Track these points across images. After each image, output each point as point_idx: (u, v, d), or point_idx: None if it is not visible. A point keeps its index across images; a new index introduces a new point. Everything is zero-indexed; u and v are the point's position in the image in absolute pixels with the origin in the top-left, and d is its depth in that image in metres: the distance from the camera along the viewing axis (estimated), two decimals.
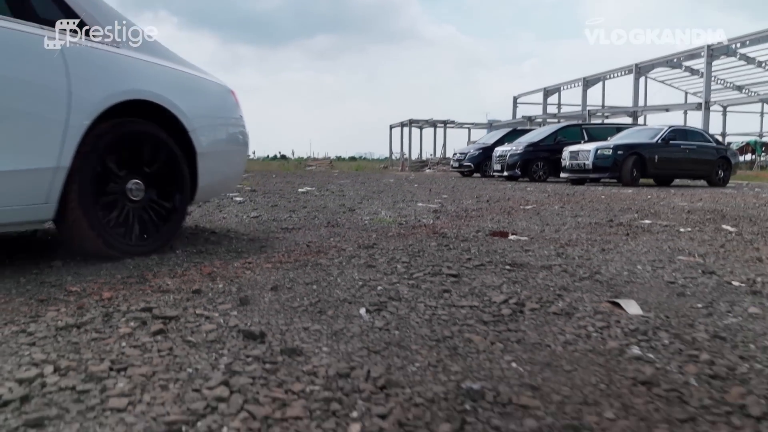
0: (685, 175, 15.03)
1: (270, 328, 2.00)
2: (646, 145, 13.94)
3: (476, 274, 3.00)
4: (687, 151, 14.47)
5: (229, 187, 5.34)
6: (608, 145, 13.91)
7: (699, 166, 14.78)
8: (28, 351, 1.76)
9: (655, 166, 13.75)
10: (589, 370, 1.69)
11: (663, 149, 13.97)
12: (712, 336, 2.03)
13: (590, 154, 13.76)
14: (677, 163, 14.32)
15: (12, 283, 2.65)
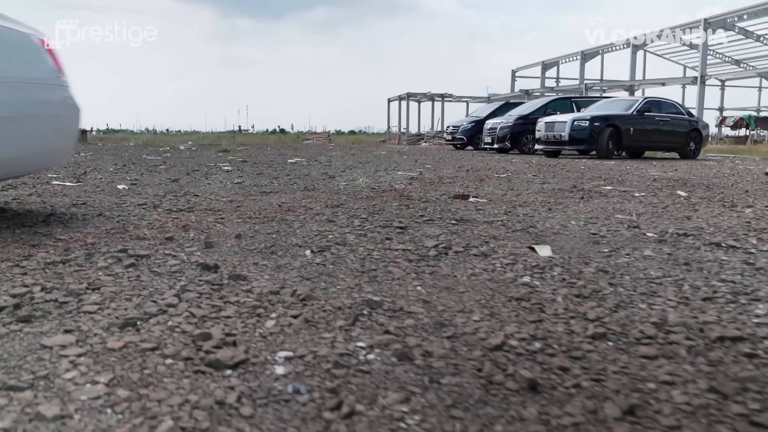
0: (658, 147, 14.76)
1: (225, 263, 2.39)
2: (622, 116, 13.53)
3: (422, 227, 3.37)
4: (661, 123, 14.14)
5: (46, 162, 3.87)
6: (585, 117, 13.39)
7: (672, 138, 14.45)
8: (21, 278, 2.14)
9: (630, 138, 13.43)
10: (478, 292, 2.07)
11: (638, 121, 13.62)
12: (598, 270, 2.41)
13: (566, 125, 13.28)
14: (651, 135, 13.97)
15: (8, 233, 3.03)
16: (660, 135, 14.12)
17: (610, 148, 13.13)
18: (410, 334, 1.61)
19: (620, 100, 15.96)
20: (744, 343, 1.60)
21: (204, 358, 1.40)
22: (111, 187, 5.35)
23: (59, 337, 1.53)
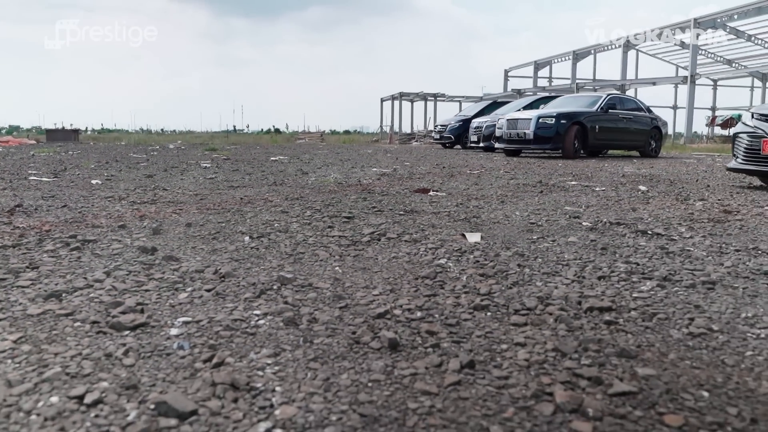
0: (622, 146, 14.12)
1: (164, 247, 2.55)
2: (588, 113, 12.69)
3: (369, 217, 3.54)
4: (625, 120, 13.57)
5: None
6: (551, 114, 12.47)
7: (634, 137, 13.92)
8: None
9: (595, 136, 12.65)
10: (391, 272, 2.23)
11: (603, 118, 12.92)
12: (515, 254, 2.58)
13: (531, 123, 12.30)
14: (616, 133, 13.33)
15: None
16: (623, 133, 13.60)
17: (576, 146, 12.42)
18: (306, 305, 1.78)
19: (582, 96, 15.21)
20: (610, 312, 1.77)
21: (109, 321, 1.56)
22: (85, 182, 5.51)
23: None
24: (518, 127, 12.70)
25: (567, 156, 12.18)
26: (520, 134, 12.55)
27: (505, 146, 13.23)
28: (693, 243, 2.94)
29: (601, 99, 13.39)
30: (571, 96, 15.73)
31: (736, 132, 6.51)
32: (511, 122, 13.02)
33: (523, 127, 12.49)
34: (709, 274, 2.25)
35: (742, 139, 6.26)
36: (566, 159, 11.83)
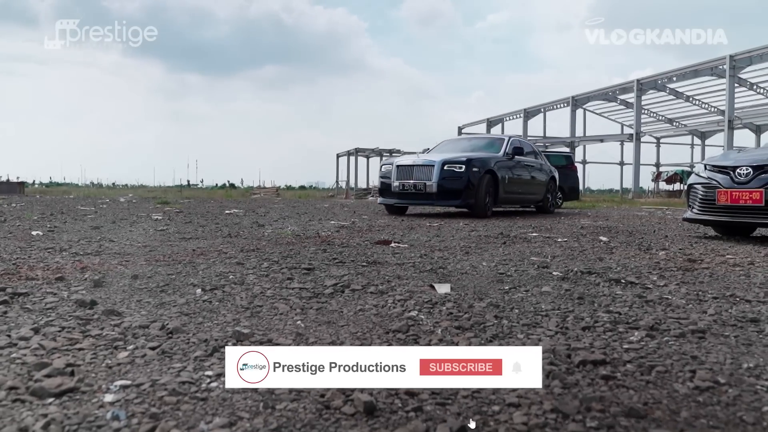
0: (525, 200, 11.62)
1: (105, 301, 2.30)
2: (497, 160, 10.07)
3: (330, 268, 3.33)
4: (530, 169, 11.31)
5: None
6: (459, 159, 9.57)
7: (536, 189, 11.68)
8: None
9: (506, 188, 10.11)
10: (358, 326, 2.03)
11: (512, 166, 10.53)
12: (489, 305, 2.41)
13: (434, 171, 9.40)
14: (522, 185, 10.96)
15: None
16: (529, 185, 11.28)
17: (487, 202, 9.65)
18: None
19: (477, 137, 12.42)
20: (605, 366, 1.61)
21: (30, 387, 1.31)
22: (25, 234, 5.16)
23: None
24: (415, 176, 9.61)
25: (479, 214, 9.45)
26: (419, 186, 9.47)
27: (395, 201, 10.02)
28: (669, 291, 2.83)
29: (504, 142, 10.83)
30: (463, 138, 12.51)
31: (690, 183, 6.58)
32: (404, 170, 9.82)
33: (423, 177, 9.51)
34: (695, 323, 2.13)
35: (697, 190, 6.32)
36: (478, 218, 9.24)
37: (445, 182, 9.35)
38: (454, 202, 9.48)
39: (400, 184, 9.73)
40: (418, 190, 9.53)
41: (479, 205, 9.40)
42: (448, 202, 9.57)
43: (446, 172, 9.36)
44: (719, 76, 29.60)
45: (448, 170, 9.36)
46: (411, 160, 9.96)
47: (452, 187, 9.33)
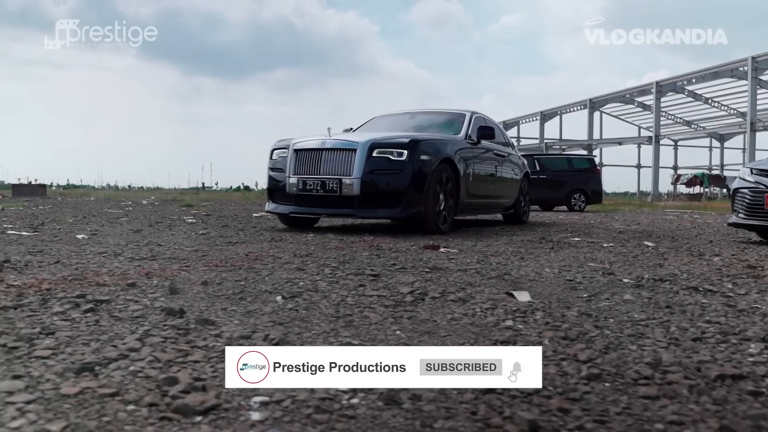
0: (492, 206, 8.27)
1: (191, 308, 2.25)
2: (457, 146, 6.71)
3: (396, 275, 3.27)
4: (501, 161, 8.10)
5: None
6: (399, 140, 6.05)
7: (508, 189, 8.48)
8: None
9: (470, 189, 6.86)
10: (461, 336, 1.97)
11: (478, 156, 7.26)
12: (581, 314, 2.34)
13: (355, 159, 5.84)
14: (491, 184, 7.76)
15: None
16: (499, 183, 8.05)
17: (443, 210, 6.25)
18: None
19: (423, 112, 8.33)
20: (745, 381, 1.53)
21: (171, 404, 1.26)
22: (70, 237, 5.14)
23: (5, 383, 1.38)
24: (323, 169, 6.00)
25: (431, 228, 6.04)
26: (331, 185, 5.89)
27: (292, 210, 6.28)
28: (754, 299, 2.75)
29: (465, 119, 7.39)
30: (404, 112, 8.38)
31: (736, 188, 6.47)
32: (307, 157, 6.14)
33: (336, 169, 5.93)
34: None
35: (744, 194, 6.21)
36: (429, 233, 5.96)
37: (375, 178, 5.75)
38: (389, 212, 5.87)
39: (300, 181, 6.02)
40: (329, 192, 5.84)
41: (430, 216, 5.96)
42: (378, 212, 5.95)
43: (376, 162, 5.74)
44: (740, 77, 29.34)
45: (380, 158, 5.75)
46: (318, 142, 6.06)
47: (386, 186, 5.76)
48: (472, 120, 7.45)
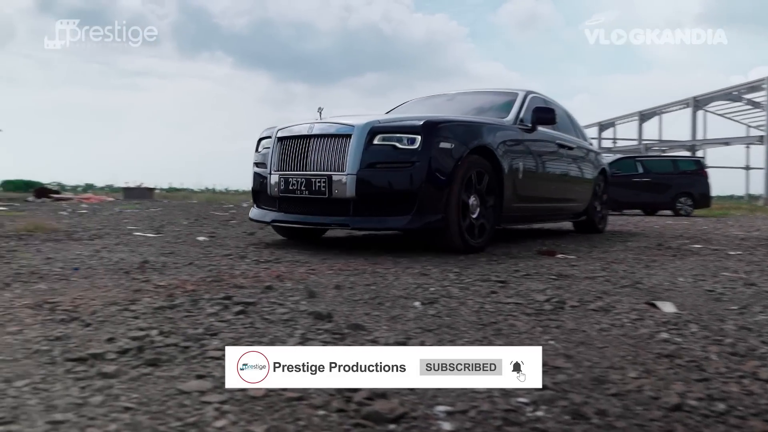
0: (553, 212, 6.61)
1: (336, 312, 2.29)
2: (499, 131, 5.14)
3: (522, 281, 3.22)
4: (565, 154, 6.48)
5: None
6: (408, 123, 4.41)
7: (576, 191, 6.82)
8: (134, 322, 2.09)
9: (519, 189, 5.28)
10: (618, 348, 1.90)
11: (533, 146, 5.70)
12: (740, 328, 2.21)
13: (350, 148, 4.26)
14: (552, 184, 6.15)
15: (107, 280, 3.02)
16: (563, 183, 6.44)
17: (477, 219, 4.65)
18: (571, 390, 1.46)
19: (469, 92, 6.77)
20: None
21: (359, 410, 1.28)
22: (191, 239, 5.38)
23: (194, 383, 1.44)
24: (309, 162, 4.53)
25: (454, 245, 4.47)
26: (318, 184, 4.40)
27: (274, 218, 4.84)
28: None
29: (517, 99, 5.83)
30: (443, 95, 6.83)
31: None
32: (291, 147, 4.70)
33: (326, 162, 4.44)
34: None
35: None
36: (452, 253, 4.46)
37: (376, 175, 4.26)
38: (395, 221, 4.29)
39: (281, 179, 4.64)
40: (315, 193, 4.39)
41: (455, 228, 4.35)
42: (381, 221, 4.36)
43: (378, 152, 4.27)
44: None
45: (384, 147, 4.28)
46: (305, 127, 4.62)
47: (391, 185, 4.26)
48: (526, 101, 5.85)
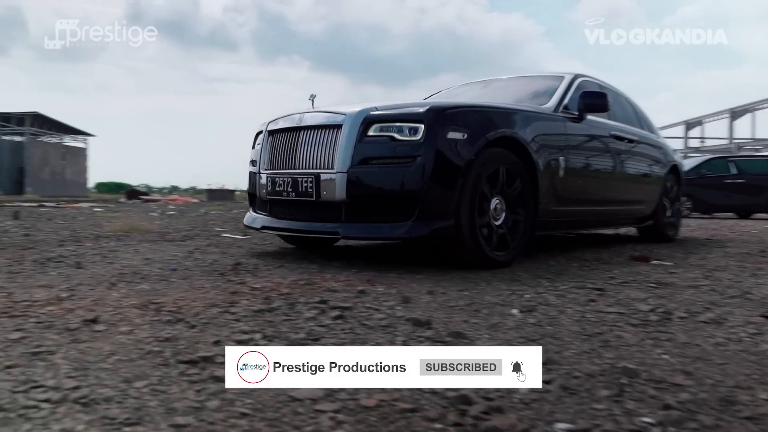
0: (607, 216, 5.66)
1: (434, 319, 2.25)
2: (535, 119, 4.28)
3: (620, 288, 3.09)
4: (624, 148, 5.53)
5: None
6: (410, 110, 3.62)
7: (639, 191, 5.93)
8: (236, 325, 2.12)
9: (560, 189, 4.37)
10: (741, 365, 1.78)
11: (576, 136, 4.80)
12: None
13: (340, 141, 3.56)
14: (603, 183, 5.27)
15: (204, 281, 3.10)
16: (620, 182, 5.55)
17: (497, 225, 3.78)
18: (697, 411, 1.37)
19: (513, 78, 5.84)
20: None
21: (477, 425, 1.24)
22: (277, 241, 5.47)
23: (308, 390, 1.44)
24: (297, 160, 3.87)
25: (467, 254, 3.64)
26: (304, 185, 3.71)
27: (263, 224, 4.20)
28: None
29: (562, 84, 4.96)
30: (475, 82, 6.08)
31: None
32: (281, 143, 4.09)
33: (315, 161, 3.75)
34: None
35: None
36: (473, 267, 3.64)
37: (371, 173, 3.56)
38: (392, 229, 3.58)
39: (269, 179, 4.07)
40: (302, 195, 3.78)
41: (468, 236, 3.57)
42: (376, 229, 3.68)
43: (373, 145, 3.57)
44: None
45: (380, 139, 3.57)
46: (295, 119, 4.02)
47: (388, 184, 3.55)
48: (573, 85, 4.95)
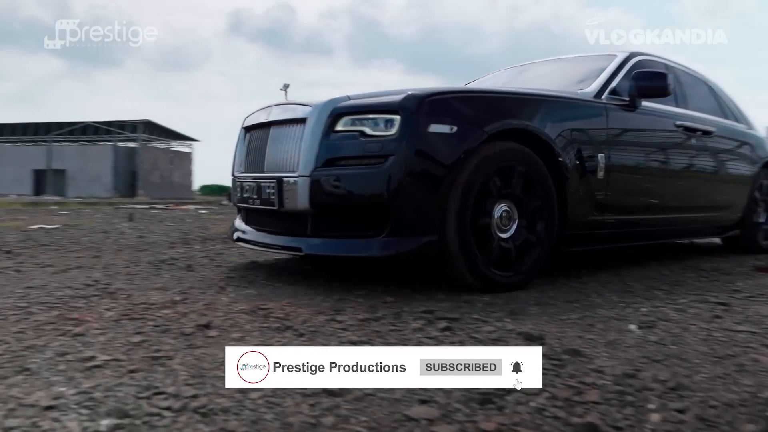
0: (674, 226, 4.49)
1: (546, 334, 2.15)
2: (552, 105, 3.30)
3: (747, 303, 2.86)
4: (694, 141, 4.36)
5: None
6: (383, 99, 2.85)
7: (718, 193, 4.65)
8: (344, 334, 2.11)
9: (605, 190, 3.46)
10: None
11: (627, 129, 3.75)
12: None
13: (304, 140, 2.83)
14: (667, 184, 4.16)
15: (308, 288, 3.10)
16: (693, 183, 4.44)
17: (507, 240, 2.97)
18: None
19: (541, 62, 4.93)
20: None
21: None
22: None
23: (421, 409, 1.39)
24: (267, 163, 3.21)
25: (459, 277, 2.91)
26: (267, 194, 3.03)
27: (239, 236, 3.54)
28: None
29: (611, 64, 3.89)
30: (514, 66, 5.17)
31: None
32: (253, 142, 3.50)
33: (280, 163, 3.07)
34: None
35: None
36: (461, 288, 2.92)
37: (337, 176, 2.80)
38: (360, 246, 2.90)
39: (239, 184, 3.48)
40: (265, 203, 3.11)
41: (456, 254, 2.83)
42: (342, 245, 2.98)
43: (341, 142, 2.83)
44: None
45: (349, 135, 2.81)
46: (265, 113, 3.43)
47: (356, 190, 2.81)
48: (626, 66, 3.97)
